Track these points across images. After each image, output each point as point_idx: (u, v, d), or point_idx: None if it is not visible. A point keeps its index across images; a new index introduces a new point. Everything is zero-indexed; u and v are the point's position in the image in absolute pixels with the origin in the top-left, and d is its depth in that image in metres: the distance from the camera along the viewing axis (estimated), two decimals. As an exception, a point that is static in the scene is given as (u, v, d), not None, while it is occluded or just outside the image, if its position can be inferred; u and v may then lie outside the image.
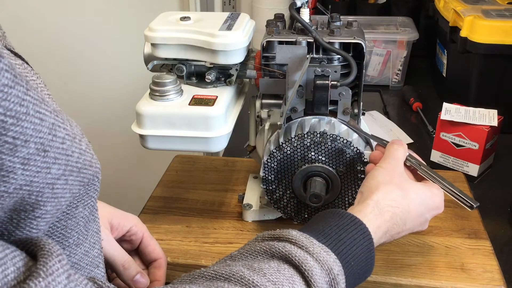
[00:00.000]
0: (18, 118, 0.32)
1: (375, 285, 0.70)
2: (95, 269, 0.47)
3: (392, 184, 0.61)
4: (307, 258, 0.50)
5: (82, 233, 0.44)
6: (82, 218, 0.43)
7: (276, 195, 0.73)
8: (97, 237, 0.47)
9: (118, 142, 1.67)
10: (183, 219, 0.82)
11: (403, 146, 0.66)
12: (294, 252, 0.50)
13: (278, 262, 0.50)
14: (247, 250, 0.52)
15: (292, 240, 0.51)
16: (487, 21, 1.08)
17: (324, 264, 0.50)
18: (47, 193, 0.36)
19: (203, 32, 0.72)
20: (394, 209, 0.59)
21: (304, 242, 0.51)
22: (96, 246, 0.47)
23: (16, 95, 0.32)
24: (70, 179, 0.38)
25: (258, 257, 0.51)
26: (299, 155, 0.70)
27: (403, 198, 0.60)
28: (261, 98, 0.78)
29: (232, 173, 0.95)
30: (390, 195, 0.60)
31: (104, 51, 1.69)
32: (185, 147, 0.73)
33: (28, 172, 0.34)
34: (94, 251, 0.47)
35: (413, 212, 0.61)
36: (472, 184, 0.97)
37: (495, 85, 1.14)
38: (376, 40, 1.40)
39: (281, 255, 0.50)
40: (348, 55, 0.71)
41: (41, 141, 0.34)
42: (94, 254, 0.47)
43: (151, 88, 0.72)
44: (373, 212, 0.58)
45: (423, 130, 1.20)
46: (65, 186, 0.38)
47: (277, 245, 0.51)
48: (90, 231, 0.45)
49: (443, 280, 0.69)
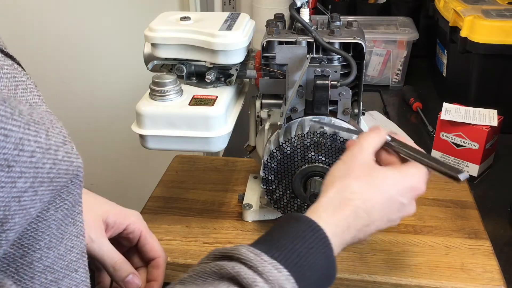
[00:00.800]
0: None
1: (375, 285, 0.70)
2: (73, 274, 0.46)
3: (349, 177, 0.58)
4: (256, 279, 0.48)
5: (56, 236, 0.43)
6: (54, 221, 0.42)
7: (276, 195, 0.73)
8: (77, 241, 0.46)
9: (118, 142, 1.67)
10: (183, 219, 0.82)
11: (377, 132, 0.62)
12: (243, 274, 0.48)
13: (228, 284, 0.48)
14: (197, 272, 0.51)
15: (241, 258, 0.49)
16: (487, 21, 1.08)
17: (275, 284, 0.48)
18: (14, 206, 0.36)
19: (203, 32, 0.72)
20: (355, 201, 0.56)
21: (253, 261, 0.49)
22: (74, 250, 0.45)
23: None
24: (40, 190, 0.38)
25: (208, 279, 0.49)
26: (299, 155, 0.70)
27: (365, 188, 0.57)
28: (261, 98, 0.78)
29: (232, 173, 0.95)
30: (347, 188, 0.57)
31: (104, 51, 1.69)
32: (185, 147, 0.73)
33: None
34: (71, 255, 0.46)
35: (379, 200, 0.57)
36: (472, 184, 0.97)
37: (495, 85, 1.14)
38: (376, 40, 1.40)
39: (231, 277, 0.48)
40: (348, 55, 0.71)
41: (4, 157, 0.34)
42: (72, 258, 0.46)
43: (151, 88, 0.72)
44: (327, 210, 0.56)
45: (423, 130, 1.20)
46: (34, 197, 0.38)
47: (227, 266, 0.49)
48: (67, 235, 0.44)
49: (443, 280, 0.69)
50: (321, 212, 0.55)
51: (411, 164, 0.61)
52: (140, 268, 0.69)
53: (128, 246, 0.69)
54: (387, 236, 0.77)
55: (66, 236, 0.45)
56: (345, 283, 0.71)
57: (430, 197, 0.87)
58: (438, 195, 0.87)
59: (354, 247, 0.75)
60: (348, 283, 0.71)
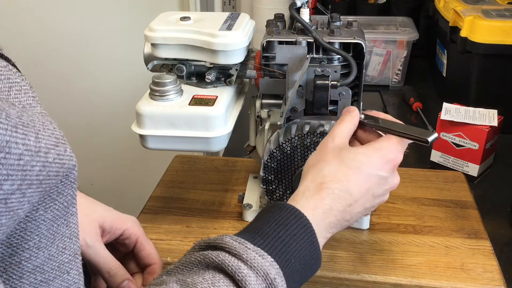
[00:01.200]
0: None
1: (375, 285, 0.70)
2: (65, 275, 0.46)
3: (321, 161, 0.59)
4: (241, 266, 0.48)
5: (46, 237, 0.43)
6: (44, 221, 0.42)
7: (276, 195, 0.73)
8: (70, 242, 0.46)
9: (118, 142, 1.67)
10: (183, 219, 0.82)
11: (349, 115, 0.63)
12: (228, 261, 0.48)
13: (213, 273, 0.49)
14: (182, 262, 0.51)
15: (225, 247, 0.50)
16: (487, 21, 1.08)
17: (260, 270, 0.49)
18: (0, 208, 0.36)
19: (203, 32, 0.72)
20: (329, 183, 0.57)
21: (237, 249, 0.50)
22: (66, 251, 0.45)
23: None
24: (29, 192, 0.38)
25: (194, 269, 0.50)
26: (299, 155, 0.70)
27: (336, 170, 0.58)
28: (261, 98, 0.78)
29: (232, 173, 0.95)
30: (320, 173, 0.58)
31: (104, 51, 1.69)
32: (185, 147, 0.73)
33: None
34: (63, 256, 0.45)
35: (355, 178, 0.57)
36: (472, 184, 0.97)
37: (495, 85, 1.14)
38: (376, 40, 1.40)
39: (215, 265, 0.49)
40: (348, 55, 0.71)
41: None
42: (64, 260, 0.45)
43: (151, 88, 0.72)
44: (305, 196, 0.56)
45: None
46: (22, 199, 0.38)
47: (211, 255, 0.49)
48: (59, 235, 0.44)
49: (443, 280, 0.69)
50: (300, 199, 0.57)
51: (383, 138, 0.62)
52: (136, 274, 0.69)
53: (124, 252, 0.69)
54: (387, 236, 0.77)
55: (58, 237, 0.44)
56: (345, 283, 0.71)
57: (430, 197, 0.87)
58: (438, 195, 0.87)
59: (354, 247, 0.75)
60: (348, 283, 0.71)
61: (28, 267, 0.41)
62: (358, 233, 0.78)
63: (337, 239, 0.77)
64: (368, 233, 0.78)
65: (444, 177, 0.92)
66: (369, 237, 0.77)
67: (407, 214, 0.82)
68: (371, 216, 0.80)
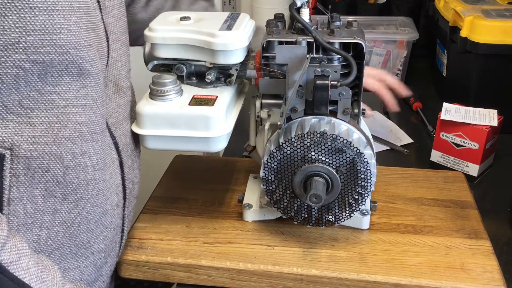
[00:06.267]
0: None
1: (375, 285, 0.70)
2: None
3: None
4: None
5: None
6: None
7: (276, 195, 0.73)
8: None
9: (118, 142, 1.67)
10: (183, 219, 0.82)
11: None
12: None
13: None
14: None
15: None
16: (487, 21, 1.08)
17: None
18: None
19: (203, 32, 0.72)
20: None
21: None
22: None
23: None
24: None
25: None
26: (299, 155, 0.70)
27: None
28: (261, 98, 0.78)
29: (232, 173, 0.95)
30: None
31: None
32: (185, 147, 0.73)
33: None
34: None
35: None
36: (472, 184, 0.97)
37: (495, 85, 1.14)
38: (376, 40, 1.40)
39: None
40: (348, 55, 0.71)
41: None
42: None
43: (151, 88, 0.72)
44: None
45: (423, 130, 1.20)
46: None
47: None
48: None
49: (443, 280, 0.69)
50: None
51: None
52: None
53: None
54: (387, 236, 0.77)
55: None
56: (345, 283, 0.71)
57: (430, 197, 0.87)
58: (438, 195, 0.87)
59: (354, 247, 0.75)
60: (348, 283, 0.71)
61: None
62: (358, 233, 0.78)
63: (337, 239, 0.77)
64: (368, 233, 0.78)
65: (444, 177, 0.92)
66: (369, 237, 0.77)
67: (407, 214, 0.82)
68: (371, 216, 0.80)
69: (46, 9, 0.52)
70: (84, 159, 0.61)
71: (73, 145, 0.60)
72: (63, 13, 0.53)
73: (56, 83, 0.56)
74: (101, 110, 0.63)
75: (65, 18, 0.54)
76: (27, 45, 0.52)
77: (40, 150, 0.57)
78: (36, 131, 0.57)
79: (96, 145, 0.62)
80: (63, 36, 0.54)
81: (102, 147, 0.64)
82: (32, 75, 0.54)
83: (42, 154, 0.58)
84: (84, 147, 0.61)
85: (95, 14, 0.60)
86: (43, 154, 0.58)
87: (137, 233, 0.79)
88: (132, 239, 0.78)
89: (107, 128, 0.66)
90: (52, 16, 0.52)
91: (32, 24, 0.51)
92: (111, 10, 0.65)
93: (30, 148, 0.57)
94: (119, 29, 0.68)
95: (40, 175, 0.58)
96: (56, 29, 0.53)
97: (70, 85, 0.57)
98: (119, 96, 0.69)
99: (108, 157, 0.66)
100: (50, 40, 0.53)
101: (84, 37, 0.56)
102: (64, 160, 0.59)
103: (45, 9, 0.52)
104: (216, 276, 0.74)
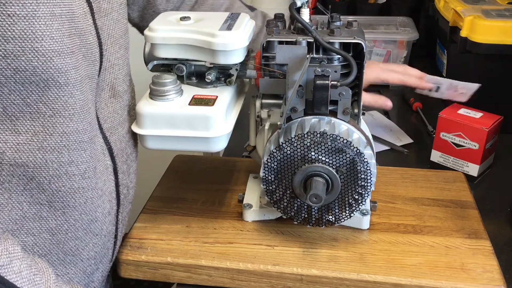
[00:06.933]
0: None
1: (375, 285, 0.70)
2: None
3: None
4: None
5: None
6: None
7: (276, 195, 0.73)
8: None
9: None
10: (183, 219, 0.82)
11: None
12: None
13: None
14: None
15: None
16: (487, 21, 1.08)
17: None
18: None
19: (203, 32, 0.72)
20: None
21: None
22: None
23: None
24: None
25: None
26: (299, 155, 0.70)
27: None
28: (261, 98, 0.78)
29: (232, 173, 0.95)
30: None
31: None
32: (185, 147, 0.73)
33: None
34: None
35: None
36: (472, 184, 0.97)
37: (495, 85, 1.14)
38: (376, 40, 1.40)
39: None
40: (348, 55, 0.71)
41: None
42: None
43: (151, 88, 0.72)
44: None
45: (423, 130, 1.20)
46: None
47: None
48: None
49: (443, 280, 0.69)
50: None
51: None
52: None
53: None
54: (387, 236, 0.77)
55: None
56: (345, 283, 0.71)
57: (430, 197, 0.87)
58: (438, 195, 0.87)
59: (354, 247, 0.75)
60: (348, 283, 0.71)
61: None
62: (358, 233, 0.78)
63: (337, 239, 0.77)
64: (368, 233, 0.78)
65: (444, 177, 0.92)
66: (369, 237, 0.77)
67: (407, 214, 0.82)
68: (371, 216, 0.80)
69: (26, 16, 0.50)
70: (71, 168, 0.60)
71: (59, 154, 0.58)
72: (44, 20, 0.52)
73: (42, 93, 0.55)
74: (89, 117, 0.61)
75: (47, 25, 0.52)
76: (7, 52, 0.51)
77: (25, 158, 0.56)
78: (21, 138, 0.56)
79: (84, 153, 0.61)
80: (45, 43, 0.53)
81: (91, 155, 0.62)
82: (15, 83, 0.53)
83: (27, 162, 0.57)
84: (71, 156, 0.59)
85: (84, 19, 0.58)
86: (27, 162, 0.57)
87: (137, 233, 0.79)
88: (132, 239, 0.78)
89: (101, 133, 0.65)
90: (33, 23, 0.51)
91: (11, 32, 0.50)
92: (109, 13, 0.64)
93: (14, 155, 0.56)
94: (117, 31, 0.67)
95: (24, 183, 0.57)
96: (37, 37, 0.52)
97: (58, 95, 0.56)
98: (116, 101, 0.69)
99: (100, 164, 0.65)
100: (31, 48, 0.52)
101: (66, 43, 0.55)
102: (50, 169, 0.58)
103: (24, 16, 0.50)
104: (216, 276, 0.74)
